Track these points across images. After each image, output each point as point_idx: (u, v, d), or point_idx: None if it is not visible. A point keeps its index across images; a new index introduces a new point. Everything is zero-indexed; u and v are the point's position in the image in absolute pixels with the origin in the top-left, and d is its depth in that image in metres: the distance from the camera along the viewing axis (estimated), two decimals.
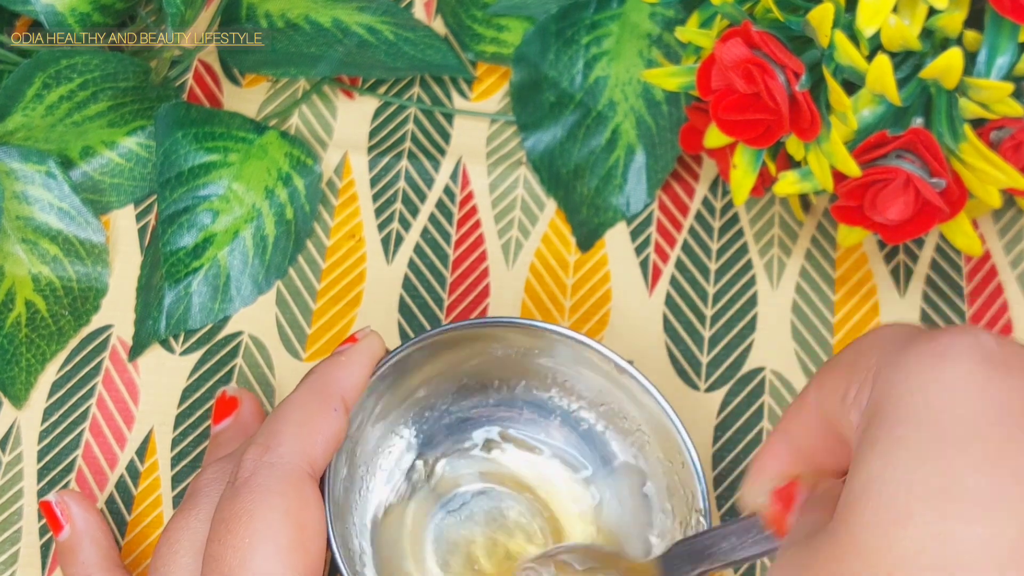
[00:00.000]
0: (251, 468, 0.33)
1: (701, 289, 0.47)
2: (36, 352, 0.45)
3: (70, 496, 0.40)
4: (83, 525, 0.39)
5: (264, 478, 0.33)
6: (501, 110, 0.51)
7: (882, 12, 0.35)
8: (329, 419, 0.35)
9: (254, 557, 0.32)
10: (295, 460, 0.34)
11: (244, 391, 0.42)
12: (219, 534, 0.32)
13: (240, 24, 0.51)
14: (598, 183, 0.48)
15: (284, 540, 0.32)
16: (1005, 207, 0.47)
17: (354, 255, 0.48)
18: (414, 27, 0.52)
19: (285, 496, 0.33)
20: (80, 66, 0.46)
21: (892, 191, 0.37)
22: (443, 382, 0.40)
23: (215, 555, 0.32)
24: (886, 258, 0.47)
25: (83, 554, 0.39)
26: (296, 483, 0.33)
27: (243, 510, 0.32)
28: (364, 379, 0.36)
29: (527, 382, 0.40)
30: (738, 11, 0.39)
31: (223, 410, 0.41)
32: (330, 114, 0.51)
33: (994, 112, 0.36)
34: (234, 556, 0.32)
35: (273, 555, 0.32)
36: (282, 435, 0.34)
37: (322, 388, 0.35)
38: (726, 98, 0.39)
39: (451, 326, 0.37)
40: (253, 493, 0.33)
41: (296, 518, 0.32)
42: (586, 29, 0.50)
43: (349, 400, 0.36)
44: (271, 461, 0.33)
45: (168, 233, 0.46)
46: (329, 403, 0.35)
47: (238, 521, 0.32)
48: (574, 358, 0.39)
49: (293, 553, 0.32)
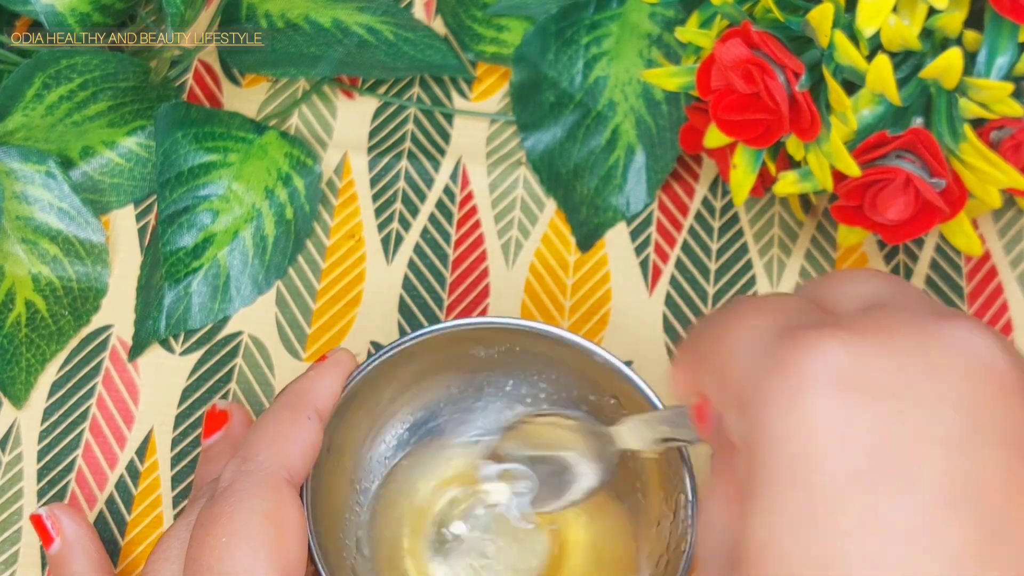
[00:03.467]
0: (230, 478, 0.34)
1: (701, 289, 0.47)
2: (36, 352, 0.45)
3: (60, 509, 0.40)
4: (74, 537, 0.40)
5: (242, 484, 0.34)
6: (501, 110, 0.51)
7: (882, 12, 0.35)
8: (303, 427, 0.35)
9: (232, 555, 0.32)
10: (272, 467, 0.34)
11: (234, 405, 0.42)
12: (198, 538, 0.33)
13: (240, 24, 0.51)
14: (598, 183, 0.48)
15: (262, 539, 0.32)
16: (1005, 207, 0.47)
17: (354, 255, 0.48)
18: (414, 27, 0.52)
19: (263, 499, 0.33)
20: (80, 66, 0.46)
21: (892, 191, 0.37)
22: (432, 384, 0.40)
23: (194, 557, 0.33)
24: (886, 258, 0.47)
25: (75, 566, 0.39)
26: (274, 487, 0.34)
27: (221, 513, 0.33)
28: (336, 389, 0.37)
29: (515, 382, 0.41)
30: (738, 11, 0.39)
31: (213, 424, 0.42)
32: (330, 114, 0.51)
33: (994, 112, 0.36)
34: (211, 555, 0.32)
35: (250, 553, 0.32)
36: (258, 445, 0.35)
37: (295, 400, 0.36)
38: (726, 98, 0.39)
39: (431, 329, 0.38)
40: (232, 497, 0.33)
41: (274, 519, 0.33)
42: (586, 29, 0.50)
43: (323, 409, 0.36)
44: (249, 469, 0.34)
45: (168, 233, 0.46)
46: (302, 412, 0.36)
47: (216, 523, 0.33)
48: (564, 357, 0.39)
49: (271, 552, 0.32)
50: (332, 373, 0.37)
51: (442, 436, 0.41)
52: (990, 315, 0.46)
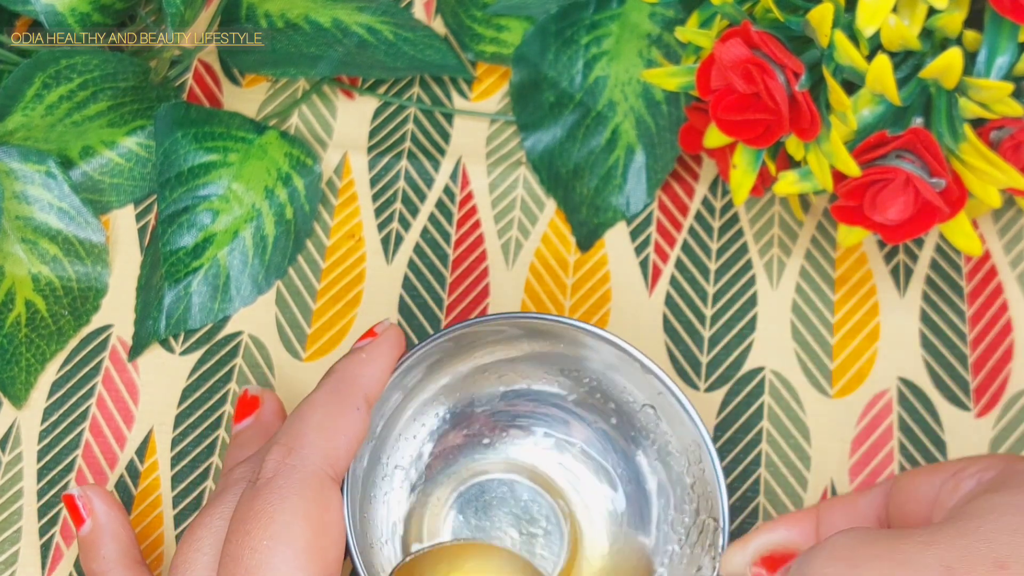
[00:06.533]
0: (272, 470, 0.33)
1: (701, 289, 0.47)
2: (36, 352, 0.45)
3: (93, 490, 0.39)
4: (105, 520, 0.39)
5: (285, 479, 0.33)
6: (501, 110, 0.51)
7: (882, 12, 0.35)
8: (351, 419, 0.34)
9: (272, 559, 0.31)
10: (317, 463, 0.33)
11: (266, 391, 0.42)
12: (237, 534, 0.32)
13: (240, 24, 0.51)
14: (598, 183, 0.48)
15: (303, 543, 0.32)
16: (1005, 207, 0.47)
17: (354, 255, 0.48)
18: (414, 27, 0.52)
19: (305, 499, 0.32)
20: (80, 66, 0.46)
21: (892, 191, 0.37)
22: (469, 377, 0.40)
23: (232, 554, 0.32)
24: (886, 258, 0.47)
25: (104, 549, 0.38)
26: (317, 486, 0.33)
27: (262, 511, 0.32)
28: (386, 376, 0.36)
29: (548, 379, 0.41)
30: (738, 11, 0.39)
31: (244, 409, 0.41)
32: (330, 114, 0.51)
33: (994, 112, 0.36)
34: (252, 557, 0.32)
35: (291, 558, 0.31)
36: (304, 437, 0.34)
37: (344, 387, 0.35)
38: (726, 98, 0.39)
39: (479, 320, 0.37)
40: (273, 494, 0.32)
41: (316, 521, 0.32)
42: (586, 29, 0.50)
43: (371, 398, 0.35)
44: (292, 463, 0.33)
45: (168, 233, 0.46)
46: (351, 402, 0.35)
47: (257, 522, 0.32)
48: (609, 362, 0.39)
49: (311, 557, 0.32)
50: (383, 356, 0.36)
51: (475, 426, 0.41)
52: (990, 315, 0.46)
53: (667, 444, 0.39)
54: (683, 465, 0.38)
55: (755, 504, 0.43)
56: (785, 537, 0.33)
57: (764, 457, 0.43)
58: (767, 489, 0.43)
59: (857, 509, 0.34)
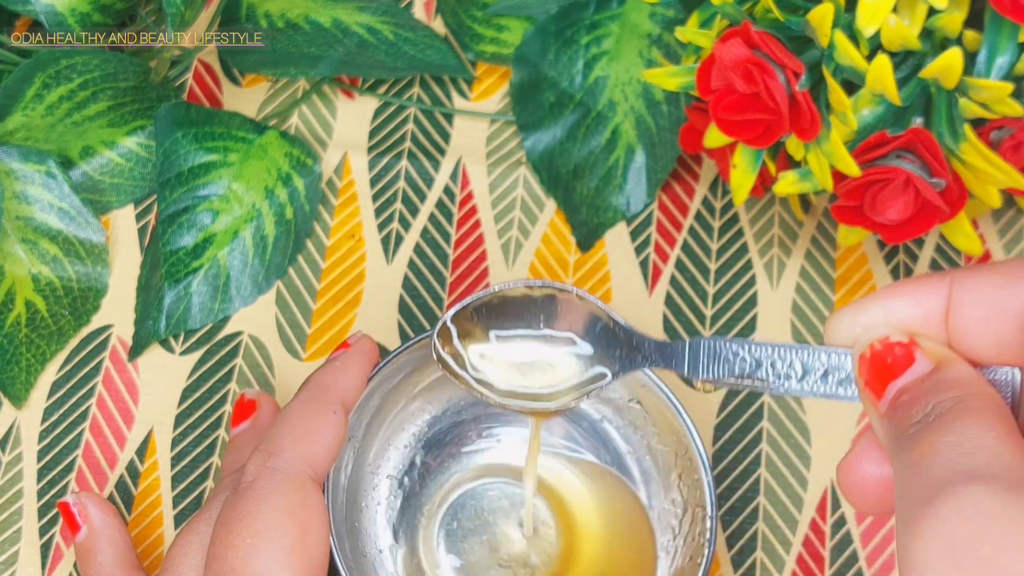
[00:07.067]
0: (253, 473, 0.34)
1: (701, 289, 0.47)
2: (36, 352, 0.45)
3: (88, 497, 0.40)
4: (100, 525, 0.39)
5: (266, 481, 0.33)
6: (501, 110, 0.51)
7: (882, 12, 0.35)
8: (329, 422, 0.35)
9: (256, 557, 0.32)
10: (297, 464, 0.34)
11: (263, 394, 0.42)
12: (220, 535, 0.33)
13: (240, 24, 0.51)
14: (598, 183, 0.48)
15: (286, 541, 0.32)
16: (1005, 207, 0.47)
17: (354, 255, 0.48)
18: (414, 27, 0.52)
19: (287, 499, 0.33)
20: (80, 66, 0.46)
21: (892, 191, 0.37)
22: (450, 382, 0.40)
23: (216, 555, 0.32)
24: (886, 258, 0.47)
25: (100, 555, 0.39)
26: (298, 487, 0.33)
27: (245, 512, 0.33)
28: (361, 381, 0.37)
29: None
30: (738, 11, 0.39)
31: (241, 414, 0.41)
32: (330, 114, 0.51)
33: (994, 112, 0.36)
34: (235, 556, 0.32)
35: (274, 556, 0.32)
36: (283, 440, 0.34)
37: (319, 394, 0.36)
38: (726, 98, 0.39)
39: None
40: (255, 495, 0.33)
41: (298, 520, 0.33)
42: (586, 29, 0.50)
43: (348, 402, 0.36)
44: (273, 466, 0.34)
45: (168, 233, 0.46)
46: (328, 407, 0.35)
47: (239, 522, 0.32)
48: None
49: (294, 554, 0.32)
50: (356, 365, 0.37)
51: (462, 428, 0.41)
52: None
53: (653, 436, 0.39)
54: (671, 457, 0.38)
55: (755, 504, 0.43)
56: (910, 314, 0.26)
57: (764, 457, 0.43)
58: (767, 489, 0.43)
59: (997, 293, 0.25)
